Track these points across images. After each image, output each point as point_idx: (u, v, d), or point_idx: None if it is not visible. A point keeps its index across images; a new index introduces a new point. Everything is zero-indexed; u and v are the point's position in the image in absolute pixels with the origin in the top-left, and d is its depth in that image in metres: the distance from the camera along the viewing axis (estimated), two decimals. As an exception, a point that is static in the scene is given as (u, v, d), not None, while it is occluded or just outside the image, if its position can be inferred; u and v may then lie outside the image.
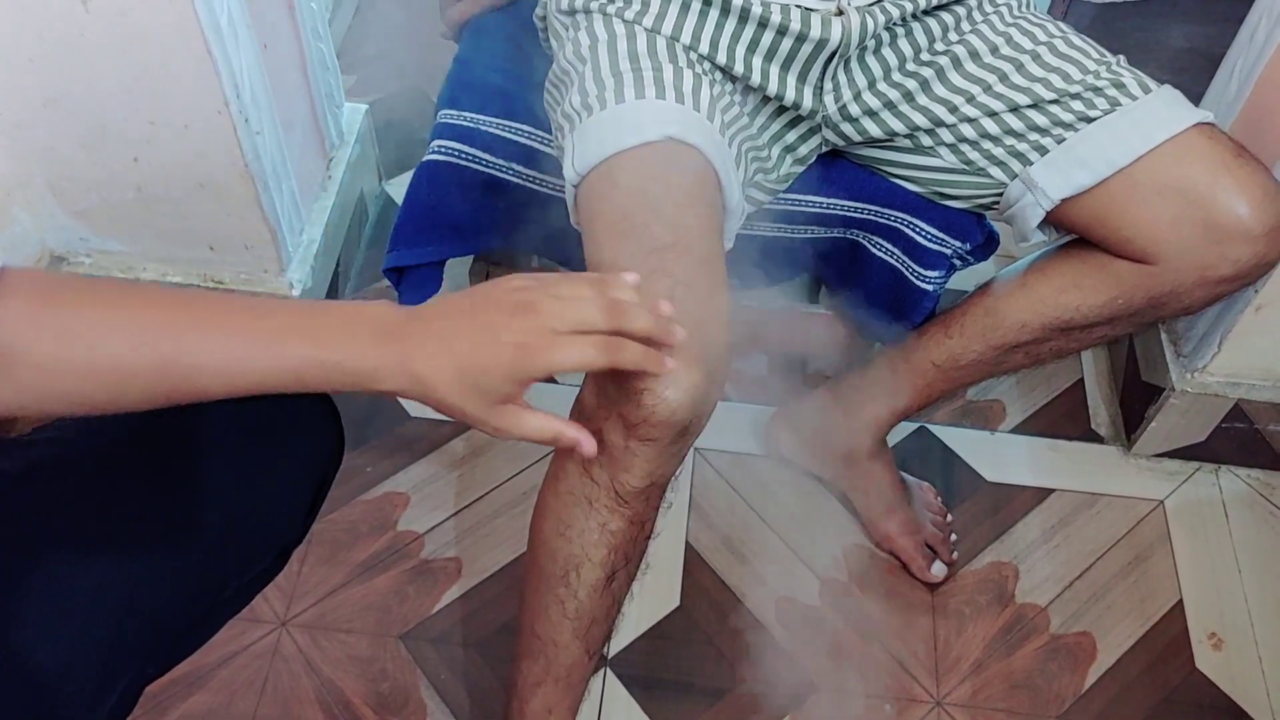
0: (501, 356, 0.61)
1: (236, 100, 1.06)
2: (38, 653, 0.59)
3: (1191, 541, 1.27)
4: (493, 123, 1.08)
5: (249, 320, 0.60)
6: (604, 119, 0.86)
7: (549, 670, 0.91)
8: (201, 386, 0.60)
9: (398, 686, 1.11)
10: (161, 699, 1.08)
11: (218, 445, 0.70)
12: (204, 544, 0.68)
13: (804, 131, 1.02)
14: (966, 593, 1.21)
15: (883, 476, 1.21)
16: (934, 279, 1.09)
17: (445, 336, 0.62)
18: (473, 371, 0.61)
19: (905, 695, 1.13)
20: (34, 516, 0.63)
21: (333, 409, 0.77)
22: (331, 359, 0.60)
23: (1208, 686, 1.15)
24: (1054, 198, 0.97)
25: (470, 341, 0.61)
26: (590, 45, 0.92)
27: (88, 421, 0.69)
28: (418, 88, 1.76)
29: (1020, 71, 0.98)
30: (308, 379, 0.60)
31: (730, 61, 0.94)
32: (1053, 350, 1.07)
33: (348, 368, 0.60)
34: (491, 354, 0.61)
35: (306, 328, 0.61)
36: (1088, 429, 1.37)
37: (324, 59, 1.30)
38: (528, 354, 0.61)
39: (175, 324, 0.59)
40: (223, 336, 0.59)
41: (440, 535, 1.22)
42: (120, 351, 0.58)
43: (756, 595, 1.19)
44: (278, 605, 1.16)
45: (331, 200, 1.33)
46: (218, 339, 0.59)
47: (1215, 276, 0.95)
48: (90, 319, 0.58)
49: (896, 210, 1.08)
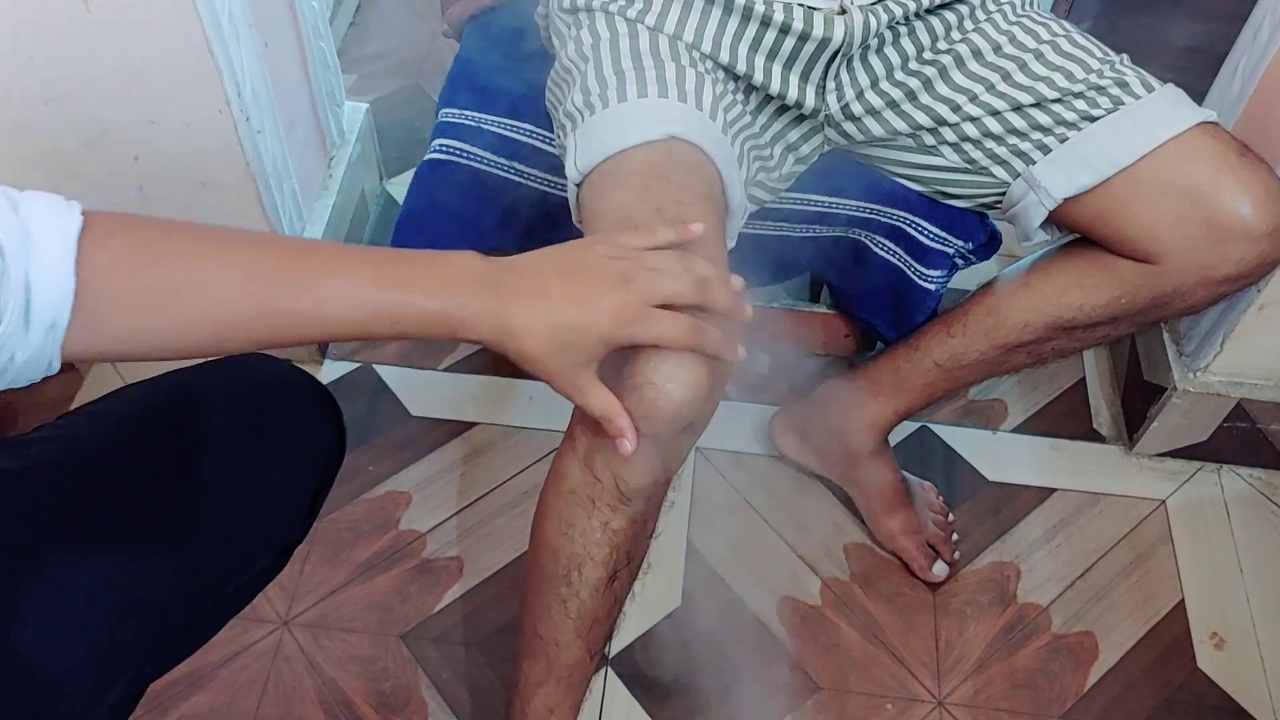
0: (600, 322, 0.64)
1: (238, 99, 1.05)
2: (37, 652, 0.59)
3: (1193, 541, 1.26)
4: (494, 121, 1.08)
5: (346, 267, 0.62)
6: (606, 118, 0.85)
7: (551, 670, 0.91)
8: (300, 333, 0.62)
9: (399, 686, 1.11)
10: (163, 698, 1.08)
11: (218, 443, 0.70)
12: (204, 542, 0.68)
13: (806, 130, 1.02)
14: (968, 592, 1.21)
15: (884, 476, 1.21)
16: (936, 278, 1.09)
17: (544, 295, 0.64)
18: (568, 333, 0.64)
19: (907, 695, 1.13)
20: (33, 515, 0.63)
21: (333, 405, 0.77)
22: (430, 307, 0.62)
23: (1209, 686, 1.15)
24: (1057, 197, 0.97)
25: (569, 303, 0.64)
26: (593, 44, 0.92)
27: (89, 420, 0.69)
28: (419, 86, 1.75)
29: (1023, 70, 0.98)
30: (404, 325, 0.63)
31: (733, 60, 0.94)
32: (1055, 350, 1.07)
33: (447, 317, 0.63)
34: (590, 319, 0.64)
35: (404, 276, 0.63)
36: (1089, 428, 1.37)
37: (325, 58, 1.30)
38: (622, 323, 0.64)
39: (275, 274, 0.61)
40: (325, 285, 0.61)
41: (442, 534, 1.22)
42: (223, 301, 0.60)
43: (758, 594, 1.19)
44: (279, 604, 1.16)
45: (333, 199, 1.33)
46: (320, 288, 0.61)
47: (1218, 276, 0.95)
48: (191, 272, 0.59)
49: (899, 209, 1.08)
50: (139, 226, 0.60)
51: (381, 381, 1.35)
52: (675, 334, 0.66)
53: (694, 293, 0.67)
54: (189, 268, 0.59)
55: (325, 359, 1.37)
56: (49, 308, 0.55)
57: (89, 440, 0.67)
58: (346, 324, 0.62)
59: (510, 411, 1.33)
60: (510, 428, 1.31)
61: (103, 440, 0.67)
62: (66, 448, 0.67)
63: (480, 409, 1.33)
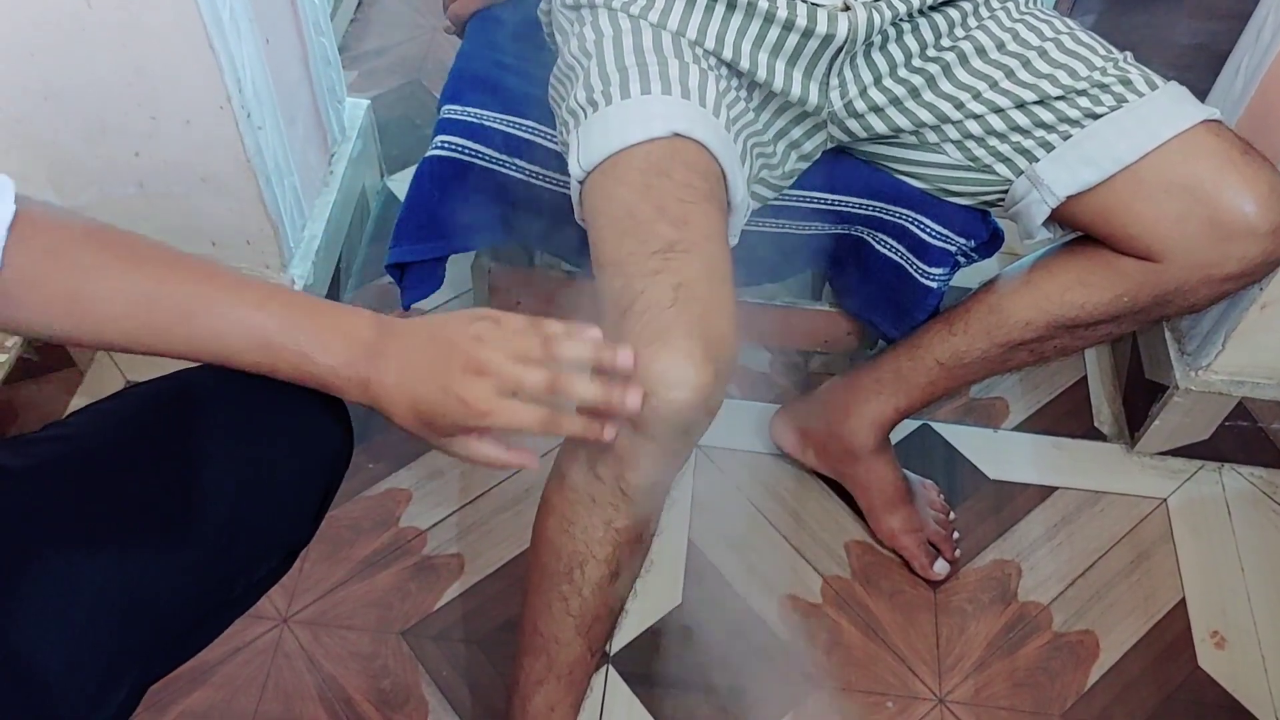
0: (449, 407, 0.66)
1: (239, 95, 1.05)
2: (39, 654, 0.59)
3: (1194, 540, 1.26)
4: (496, 118, 1.08)
5: (244, 305, 0.65)
6: (609, 114, 0.85)
7: (551, 667, 0.90)
8: (187, 354, 0.66)
9: (399, 683, 1.11)
10: (163, 696, 1.08)
11: (223, 443, 0.69)
12: (209, 543, 0.67)
13: (809, 128, 1.01)
14: (969, 590, 1.21)
15: (885, 474, 1.21)
16: (938, 276, 1.09)
17: (406, 374, 0.66)
18: (424, 412, 0.67)
19: (907, 693, 1.13)
20: (37, 515, 0.62)
21: (342, 410, 0.77)
22: (313, 365, 0.66)
23: (1210, 685, 1.15)
24: (1059, 194, 0.97)
25: (425, 386, 0.66)
26: (596, 40, 0.91)
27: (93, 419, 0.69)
28: (420, 83, 1.75)
29: (1026, 68, 0.98)
30: (280, 370, 0.66)
31: (736, 57, 0.94)
32: (1057, 348, 1.06)
33: (323, 379, 0.67)
34: (440, 403, 0.66)
35: (299, 327, 0.66)
36: (1091, 427, 1.37)
37: (326, 54, 1.30)
38: (471, 413, 0.65)
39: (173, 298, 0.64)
40: (220, 318, 0.65)
41: (442, 532, 1.22)
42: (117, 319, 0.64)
43: (759, 592, 1.19)
44: (279, 602, 1.15)
45: (333, 196, 1.33)
46: (215, 320, 0.65)
47: (1221, 274, 0.94)
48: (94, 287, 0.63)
49: (901, 207, 1.08)
50: (61, 230, 0.63)
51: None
52: (524, 424, 0.67)
53: (548, 387, 0.66)
54: (95, 282, 0.63)
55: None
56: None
57: (93, 439, 0.67)
58: (229, 358, 0.66)
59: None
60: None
61: (107, 439, 0.67)
62: (71, 447, 0.66)
63: (481, 406, 1.33)
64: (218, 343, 0.65)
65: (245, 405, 0.71)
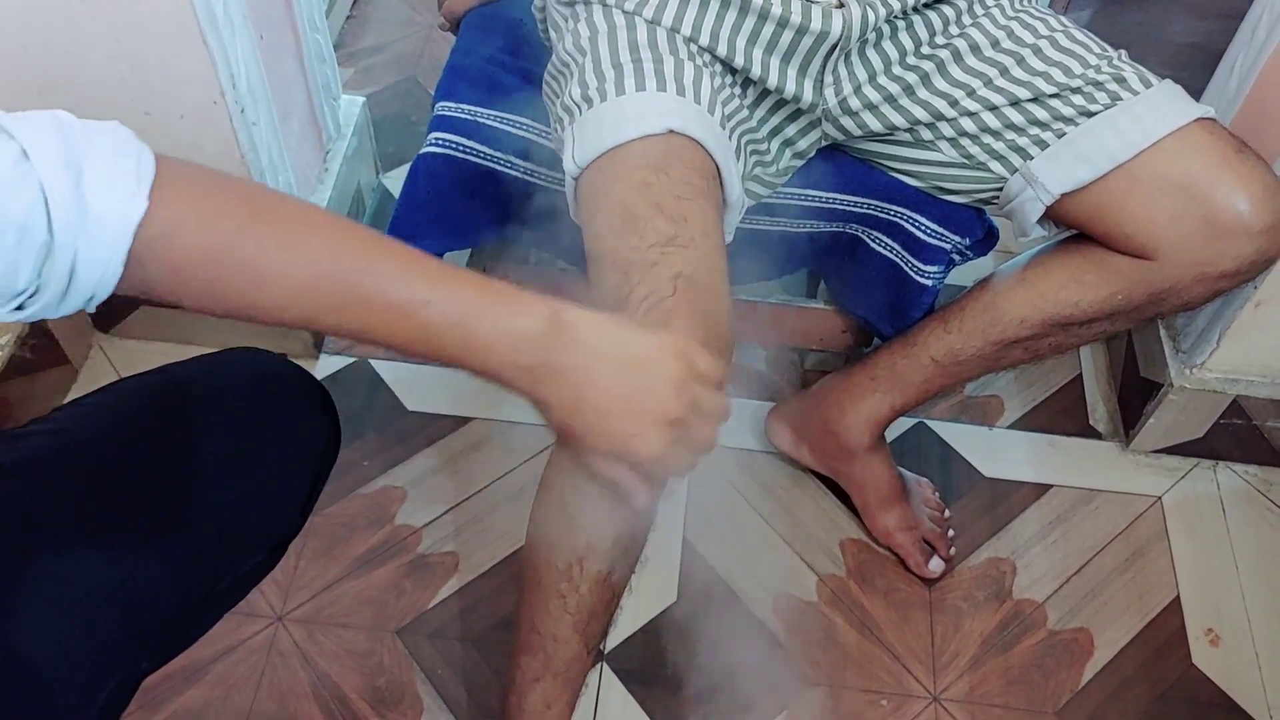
0: (623, 445, 0.64)
1: (233, 91, 1.05)
2: (31, 648, 0.59)
3: (1189, 538, 1.26)
4: (491, 115, 1.08)
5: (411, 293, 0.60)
6: (604, 111, 0.85)
7: (548, 665, 0.90)
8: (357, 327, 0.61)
9: (394, 681, 1.11)
10: (158, 693, 1.08)
11: (212, 437, 0.69)
12: (198, 536, 0.67)
13: (804, 125, 1.01)
14: (964, 588, 1.21)
15: (880, 472, 1.21)
16: (933, 274, 1.09)
17: (586, 393, 0.63)
18: (588, 437, 0.65)
19: (902, 691, 1.13)
20: (27, 509, 0.62)
21: (327, 399, 0.77)
22: (477, 361, 0.62)
23: (1204, 683, 1.15)
24: (1054, 192, 0.97)
25: (607, 418, 0.63)
26: (590, 37, 0.91)
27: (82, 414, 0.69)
28: (415, 80, 1.75)
29: (1021, 66, 0.98)
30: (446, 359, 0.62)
31: (731, 54, 0.94)
32: (1052, 346, 1.06)
33: (489, 374, 0.63)
34: (617, 437, 0.64)
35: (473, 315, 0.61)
36: (1086, 425, 1.37)
37: (321, 50, 1.29)
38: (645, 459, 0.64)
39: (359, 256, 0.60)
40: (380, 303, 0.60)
41: (437, 530, 1.22)
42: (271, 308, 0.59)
43: (754, 590, 1.19)
44: (274, 599, 1.15)
45: (328, 193, 1.33)
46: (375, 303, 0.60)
47: (1215, 272, 0.94)
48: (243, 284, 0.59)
49: (896, 205, 1.08)
50: (208, 222, 0.58)
51: (377, 376, 1.35)
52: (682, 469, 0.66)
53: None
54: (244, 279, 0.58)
55: (321, 353, 1.37)
56: (91, 285, 0.55)
57: (83, 433, 0.67)
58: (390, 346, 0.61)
59: (506, 406, 1.33)
60: (506, 423, 1.31)
61: (97, 434, 0.67)
62: (60, 441, 0.66)
63: (476, 404, 1.33)
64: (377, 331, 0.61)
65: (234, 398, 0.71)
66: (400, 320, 0.60)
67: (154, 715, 1.06)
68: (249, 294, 0.58)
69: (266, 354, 0.75)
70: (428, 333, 0.60)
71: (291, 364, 0.77)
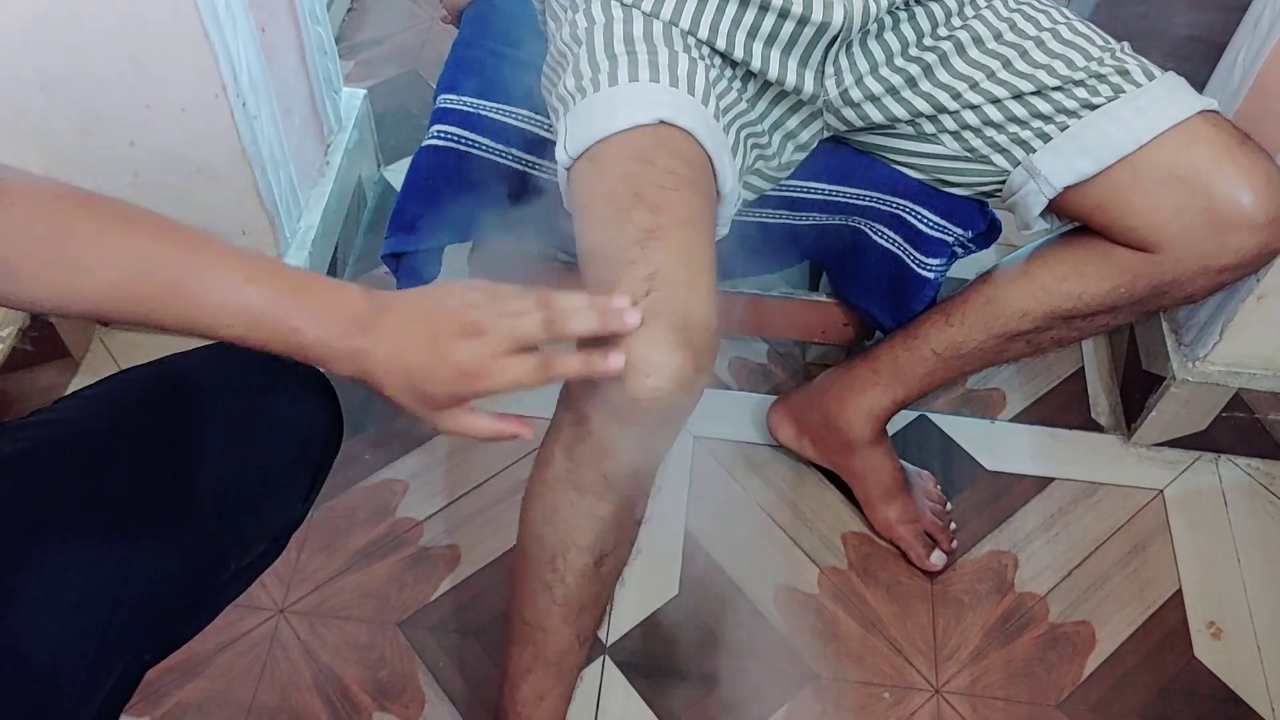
0: (445, 375, 0.65)
1: (234, 84, 1.05)
2: (32, 641, 0.59)
3: (1191, 531, 1.26)
4: (492, 107, 1.07)
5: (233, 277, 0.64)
6: (596, 101, 0.85)
7: (539, 656, 0.91)
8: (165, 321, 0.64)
9: (395, 673, 1.11)
10: (159, 686, 1.08)
11: (213, 428, 0.69)
12: (200, 526, 0.67)
13: (805, 117, 1.01)
14: (966, 581, 1.21)
15: (882, 465, 1.21)
16: (935, 267, 1.09)
17: (398, 344, 0.65)
18: (419, 382, 0.65)
19: (904, 683, 1.13)
20: (27, 501, 0.62)
21: (329, 389, 0.77)
22: (304, 337, 0.64)
23: (1206, 675, 1.15)
24: (1056, 185, 0.97)
25: (419, 355, 0.65)
26: (587, 28, 0.91)
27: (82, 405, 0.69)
28: (416, 72, 1.75)
29: (1024, 58, 0.97)
30: (271, 344, 0.65)
31: (730, 47, 0.93)
32: (1054, 339, 1.06)
33: (310, 349, 0.65)
34: (436, 373, 0.65)
35: (286, 300, 0.64)
36: (1088, 418, 1.37)
37: (322, 43, 1.29)
38: (468, 379, 0.65)
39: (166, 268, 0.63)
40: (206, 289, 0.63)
41: (438, 522, 1.22)
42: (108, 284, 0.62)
43: (755, 583, 1.19)
44: (276, 592, 1.15)
45: (330, 186, 1.33)
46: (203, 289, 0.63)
47: (1217, 265, 0.94)
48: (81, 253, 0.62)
49: (898, 197, 1.08)
50: (50, 196, 0.62)
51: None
52: (522, 379, 0.66)
53: (545, 331, 0.66)
54: (87, 249, 0.62)
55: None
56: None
57: (83, 424, 0.67)
58: (219, 331, 0.64)
59: (506, 399, 1.32)
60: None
61: (97, 424, 0.67)
62: (61, 432, 0.66)
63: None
64: (208, 315, 0.63)
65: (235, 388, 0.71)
66: (222, 316, 0.63)
67: (156, 708, 1.07)
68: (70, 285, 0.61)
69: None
70: (250, 327, 0.63)
71: (293, 354, 0.77)
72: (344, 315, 0.65)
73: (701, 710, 1.10)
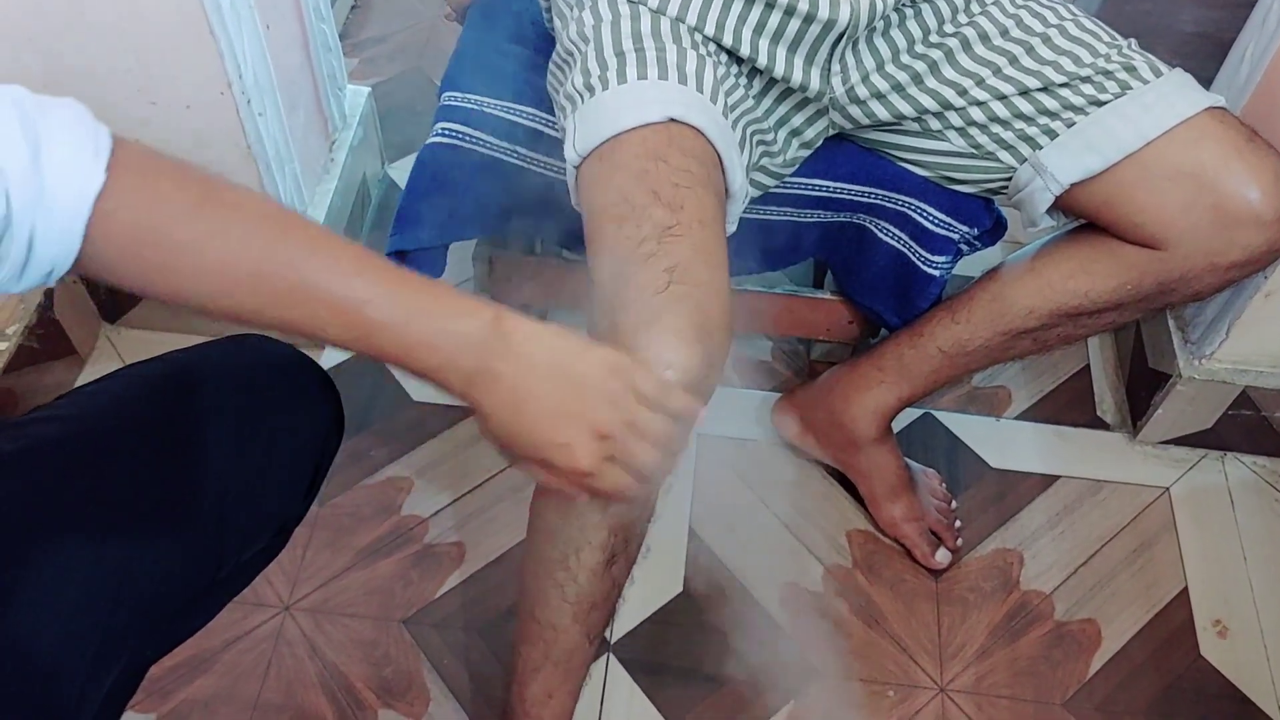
0: (555, 454, 0.64)
1: (239, 81, 1.05)
2: (34, 638, 0.59)
3: (1197, 529, 1.26)
4: (497, 105, 1.07)
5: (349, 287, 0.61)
6: (605, 99, 0.85)
7: (548, 655, 0.91)
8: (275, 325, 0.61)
9: (401, 671, 1.11)
10: (165, 683, 1.08)
11: (215, 423, 0.69)
12: (201, 521, 0.67)
13: (811, 114, 1.01)
14: (971, 579, 1.21)
15: (887, 462, 1.21)
16: (941, 264, 1.09)
17: (518, 400, 0.63)
18: (520, 445, 0.65)
19: (909, 681, 1.13)
20: (30, 498, 0.62)
21: (330, 384, 0.77)
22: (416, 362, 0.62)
23: (1212, 674, 1.15)
24: (1063, 182, 0.96)
25: (538, 425, 0.64)
26: (594, 25, 0.91)
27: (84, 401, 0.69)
28: (421, 70, 1.75)
29: (1030, 55, 0.97)
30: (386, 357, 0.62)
31: (736, 43, 0.93)
32: (1060, 336, 1.06)
33: (428, 376, 0.63)
34: (548, 447, 0.64)
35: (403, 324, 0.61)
36: (1094, 416, 1.36)
37: (327, 40, 1.29)
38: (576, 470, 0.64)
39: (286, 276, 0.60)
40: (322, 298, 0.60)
41: (444, 520, 1.22)
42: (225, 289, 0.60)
43: (760, 581, 1.19)
44: (281, 589, 1.15)
45: (334, 183, 1.33)
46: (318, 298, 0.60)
47: (1225, 262, 0.94)
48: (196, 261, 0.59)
49: (904, 195, 1.07)
50: (160, 203, 0.58)
51: (383, 365, 1.35)
52: (612, 490, 0.66)
53: (655, 470, 0.66)
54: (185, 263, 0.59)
55: (327, 344, 1.36)
56: (49, 259, 0.55)
57: (86, 420, 0.67)
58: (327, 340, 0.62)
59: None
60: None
61: (100, 420, 0.67)
62: (64, 428, 0.66)
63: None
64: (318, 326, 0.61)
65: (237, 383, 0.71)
66: (340, 317, 0.60)
67: (162, 705, 1.07)
68: (189, 280, 0.59)
69: (270, 341, 0.75)
70: (368, 331, 0.61)
71: (294, 350, 0.77)
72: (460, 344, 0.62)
73: (705, 708, 1.10)
